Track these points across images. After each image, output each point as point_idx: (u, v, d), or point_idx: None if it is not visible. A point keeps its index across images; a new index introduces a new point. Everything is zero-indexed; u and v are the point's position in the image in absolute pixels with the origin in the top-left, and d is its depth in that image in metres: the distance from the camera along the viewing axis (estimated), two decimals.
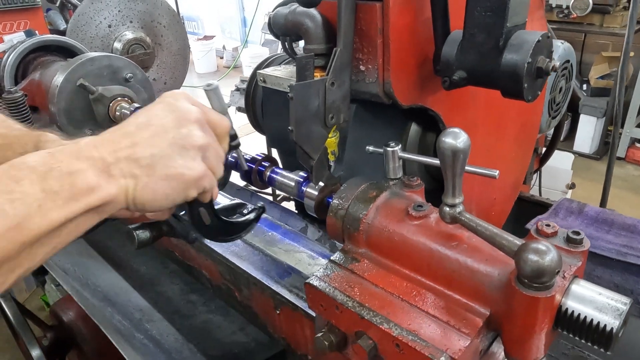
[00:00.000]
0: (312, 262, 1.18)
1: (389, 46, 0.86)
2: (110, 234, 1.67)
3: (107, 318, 1.21)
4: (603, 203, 2.03)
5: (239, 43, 9.64)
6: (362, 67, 0.90)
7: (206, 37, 9.34)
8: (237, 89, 3.73)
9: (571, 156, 2.92)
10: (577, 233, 0.72)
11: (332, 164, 1.00)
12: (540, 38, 0.79)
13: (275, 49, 8.32)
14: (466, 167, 0.74)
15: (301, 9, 0.88)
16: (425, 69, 0.95)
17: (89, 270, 1.44)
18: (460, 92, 1.03)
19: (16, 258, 0.53)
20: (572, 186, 2.39)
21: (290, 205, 2.29)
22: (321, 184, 1.00)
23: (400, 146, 0.89)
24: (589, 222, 1.47)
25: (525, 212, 1.82)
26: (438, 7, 0.86)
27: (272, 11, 1.28)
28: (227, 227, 0.92)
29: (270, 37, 8.66)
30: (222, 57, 9.59)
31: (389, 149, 0.89)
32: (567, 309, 0.68)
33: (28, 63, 2.06)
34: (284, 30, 0.93)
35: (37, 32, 3.33)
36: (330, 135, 0.93)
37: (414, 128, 1.15)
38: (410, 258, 0.82)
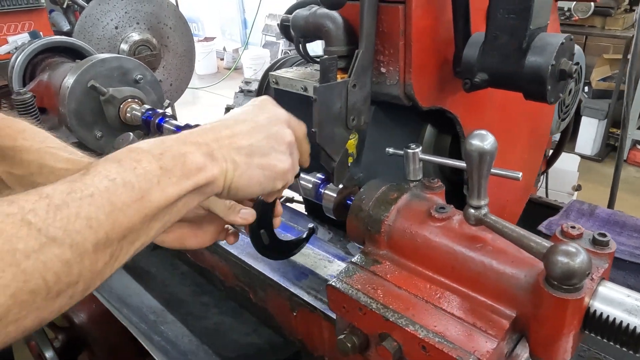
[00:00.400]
0: (328, 264, 1.18)
1: (411, 48, 0.86)
2: None
3: (134, 322, 1.22)
4: (611, 205, 2.03)
5: (239, 45, 9.65)
6: (382, 69, 0.90)
7: (206, 39, 9.34)
8: (241, 91, 3.75)
9: (577, 158, 2.93)
10: (604, 235, 0.72)
11: (349, 165, 1.00)
12: (564, 40, 0.80)
13: (276, 51, 8.33)
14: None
15: (322, 11, 0.89)
16: (445, 70, 0.95)
17: None
18: (477, 94, 1.03)
19: (138, 230, 0.58)
20: (578, 188, 2.39)
21: (296, 206, 2.29)
22: (340, 185, 1.00)
23: (421, 148, 0.89)
24: (600, 224, 1.47)
25: (532, 213, 1.82)
26: (459, 9, 0.86)
27: (288, 13, 1.28)
28: (282, 246, 1.01)
29: (271, 38, 8.69)
30: (222, 59, 9.60)
31: (409, 150, 0.89)
32: (595, 311, 0.68)
33: (36, 64, 2.06)
34: (303, 32, 0.93)
35: (41, 33, 3.33)
36: (350, 137, 0.93)
37: (429, 130, 1.15)
38: (433, 260, 0.82)
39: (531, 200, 1.90)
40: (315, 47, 1.51)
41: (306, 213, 1.70)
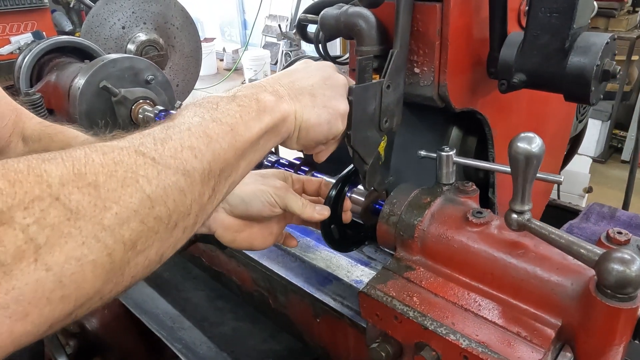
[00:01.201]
0: (351, 268, 1.15)
1: (447, 48, 0.83)
2: None
3: (154, 328, 1.19)
4: (625, 207, 2.02)
5: (239, 45, 9.62)
6: (416, 70, 0.88)
7: (206, 40, 9.31)
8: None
9: (588, 160, 2.91)
10: None
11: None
12: (609, 40, 0.78)
13: (276, 52, 8.30)
14: None
15: (354, 9, 0.86)
16: (478, 71, 0.93)
17: None
18: (506, 96, 1.01)
19: (232, 165, 0.59)
20: (589, 190, 2.37)
21: None
22: (363, 189, 0.98)
23: (455, 151, 0.87)
24: (621, 227, 1.44)
25: (547, 216, 1.80)
26: (497, 8, 0.84)
27: (308, 12, 1.25)
28: (350, 239, 1.00)
29: (272, 39, 8.66)
30: (222, 60, 9.56)
31: (443, 153, 0.87)
32: None
33: (43, 65, 2.03)
34: (333, 31, 0.90)
35: (44, 33, 3.29)
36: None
37: (455, 132, 1.13)
38: (471, 266, 0.79)
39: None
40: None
41: None
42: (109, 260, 0.44)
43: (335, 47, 4.59)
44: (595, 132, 5.00)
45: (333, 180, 0.99)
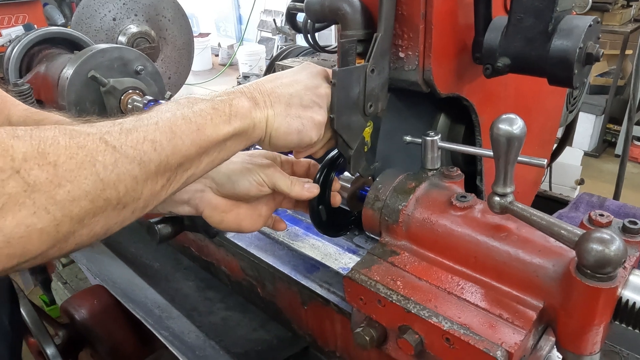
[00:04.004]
0: (339, 256, 1.15)
1: (431, 32, 0.83)
2: (121, 230, 1.63)
3: (141, 316, 1.19)
4: (616, 199, 2.02)
5: (234, 41, 9.58)
6: (401, 54, 0.88)
7: (201, 35, 9.26)
8: (240, 85, 3.71)
9: (580, 152, 2.92)
10: (635, 222, 0.70)
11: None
12: (592, 23, 0.77)
13: (272, 46, 8.27)
14: None
15: None
16: (463, 57, 0.93)
17: (104, 266, 1.40)
18: (493, 83, 1.01)
19: (192, 160, 0.64)
20: (581, 182, 2.38)
21: None
22: (351, 175, 0.98)
23: (440, 136, 0.87)
24: None
25: (537, 207, 1.80)
26: None
27: (296, 1, 1.25)
28: (338, 223, 1.00)
29: (267, 34, 8.63)
30: (217, 55, 9.52)
31: (428, 138, 0.87)
32: (627, 300, 0.66)
33: (32, 56, 2.01)
34: (318, 16, 0.90)
35: (35, 26, 3.27)
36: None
37: (442, 119, 1.13)
38: (455, 250, 0.79)
39: (537, 194, 1.88)
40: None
41: None
42: (55, 230, 0.50)
43: (331, 37, 4.56)
44: (589, 127, 5.02)
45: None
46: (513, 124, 0.67)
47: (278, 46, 7.75)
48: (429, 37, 0.84)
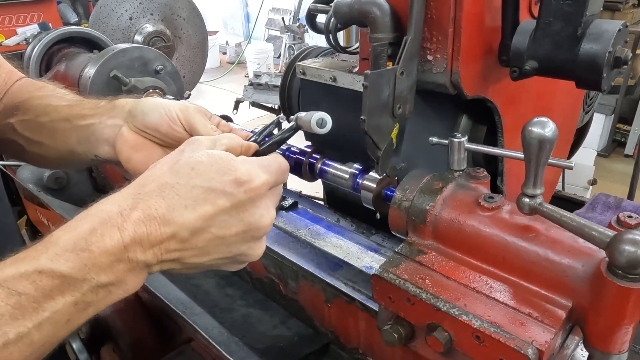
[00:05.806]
0: (362, 255, 1.17)
1: (460, 35, 0.85)
2: None
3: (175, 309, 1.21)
4: (630, 198, 2.03)
5: (242, 39, 9.61)
6: (429, 57, 0.89)
7: (209, 33, 9.28)
8: (251, 84, 3.73)
9: (593, 152, 2.92)
10: None
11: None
12: (621, 27, 0.79)
13: (279, 45, 8.29)
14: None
15: None
16: (490, 59, 0.94)
17: None
18: (516, 85, 1.02)
19: None
20: (593, 182, 2.39)
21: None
22: (376, 176, 0.99)
23: (466, 137, 0.88)
24: None
25: None
26: None
27: (317, 2, 1.26)
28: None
29: (275, 32, 8.65)
30: (224, 53, 9.56)
31: (455, 139, 0.88)
32: None
33: (52, 55, 2.04)
34: (347, 19, 0.92)
35: (50, 24, 3.30)
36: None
37: (464, 120, 1.14)
38: (483, 250, 0.81)
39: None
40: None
41: (327, 206, 1.69)
42: None
43: (339, 38, 4.56)
44: (598, 126, 5.00)
45: (353, 170, 1.00)
46: (545, 127, 0.68)
47: (286, 44, 7.77)
48: (457, 40, 0.85)
